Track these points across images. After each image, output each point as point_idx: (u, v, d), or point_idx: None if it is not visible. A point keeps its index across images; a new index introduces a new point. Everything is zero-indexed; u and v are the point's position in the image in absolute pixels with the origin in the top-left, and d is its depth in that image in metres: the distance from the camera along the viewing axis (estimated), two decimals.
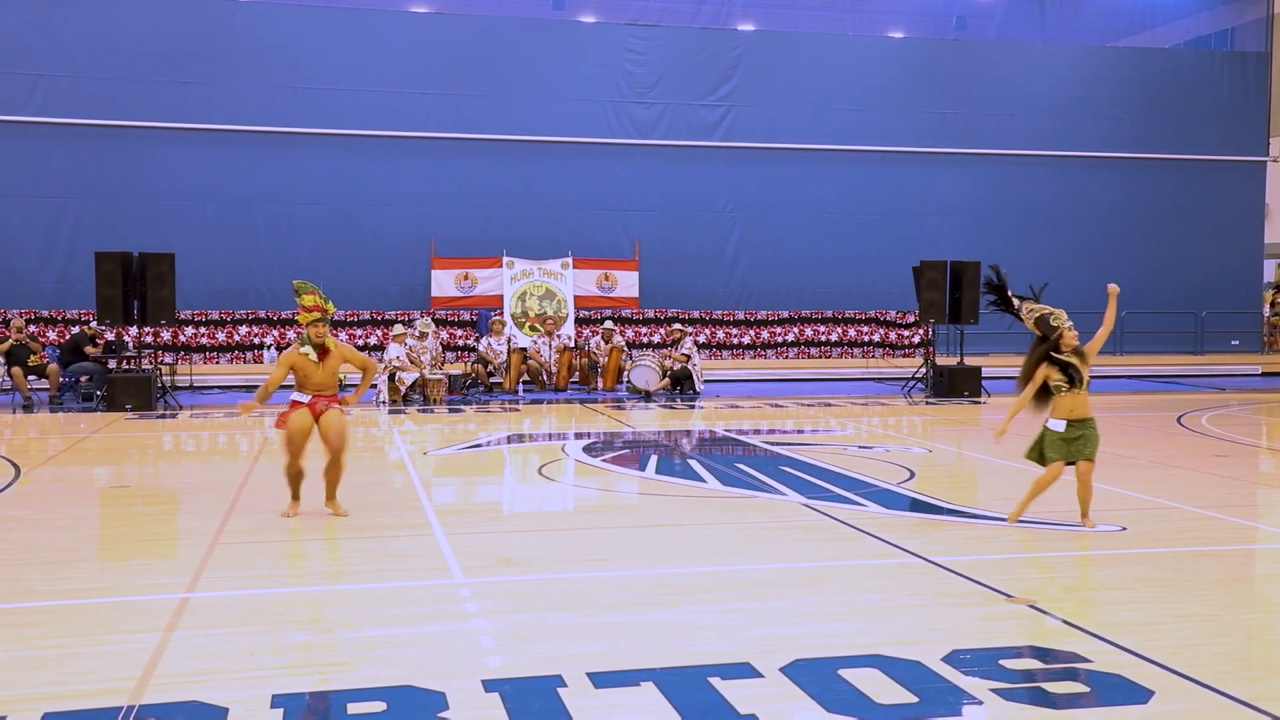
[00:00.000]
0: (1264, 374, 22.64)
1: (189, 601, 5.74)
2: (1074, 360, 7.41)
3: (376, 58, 20.92)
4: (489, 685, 4.47)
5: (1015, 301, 7.79)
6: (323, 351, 7.94)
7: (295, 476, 7.93)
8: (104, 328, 16.83)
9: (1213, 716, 4.18)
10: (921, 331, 21.64)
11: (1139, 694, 4.38)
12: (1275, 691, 4.44)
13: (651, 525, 7.91)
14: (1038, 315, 7.50)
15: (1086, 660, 4.75)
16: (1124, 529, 7.54)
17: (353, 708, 4.26)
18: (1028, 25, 24.08)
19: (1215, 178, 24.16)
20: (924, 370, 18.75)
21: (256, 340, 20.07)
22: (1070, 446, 7.42)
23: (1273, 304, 25.01)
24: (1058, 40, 23.94)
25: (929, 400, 17.62)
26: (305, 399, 7.95)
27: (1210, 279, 23.21)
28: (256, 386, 19.01)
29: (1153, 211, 23.21)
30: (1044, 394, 7.51)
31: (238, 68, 20.43)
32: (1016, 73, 23.37)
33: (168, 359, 19.03)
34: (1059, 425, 7.44)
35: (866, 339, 22.32)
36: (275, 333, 20.11)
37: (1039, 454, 7.55)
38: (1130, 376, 20.89)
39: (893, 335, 22.38)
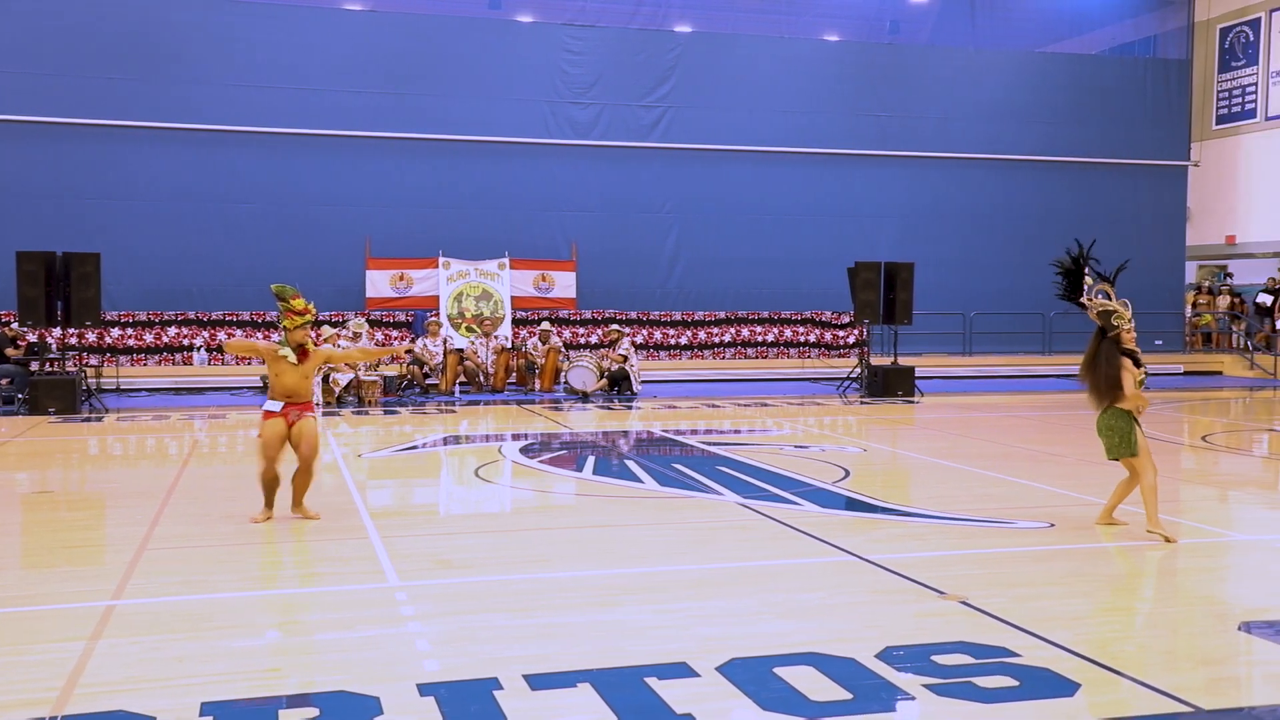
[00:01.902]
0: (1185, 373, 23.21)
1: (115, 609, 5.63)
2: (1139, 354, 7.35)
3: (310, 55, 20.67)
4: (424, 689, 4.43)
5: (1088, 284, 7.58)
6: (301, 353, 7.81)
7: (270, 483, 7.81)
8: (26, 329, 16.44)
9: (1136, 707, 4.28)
10: (856, 332, 21.87)
11: (1066, 687, 4.47)
12: (1196, 682, 4.55)
13: (589, 526, 7.90)
14: (1100, 309, 7.44)
15: (1016, 654, 4.83)
16: (1052, 525, 7.68)
17: (285, 714, 4.20)
18: (959, 30, 24.43)
19: (1140, 181, 24.72)
20: (859, 370, 18.95)
21: (186, 342, 19.72)
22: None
23: (1194, 305, 25.64)
24: (989, 45, 24.33)
25: (864, 400, 17.81)
26: (277, 407, 7.76)
27: (1135, 280, 23.62)
28: (186, 389, 18.85)
29: (1081, 214, 23.65)
30: (1114, 387, 7.34)
31: (167, 64, 20.07)
32: (949, 77, 23.71)
33: (93, 361, 18.64)
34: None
35: (802, 339, 22.51)
36: (205, 334, 19.78)
37: (1129, 450, 7.32)
38: (1057, 376, 21.30)
39: (828, 336, 22.59)
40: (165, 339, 19.70)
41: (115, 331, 19.41)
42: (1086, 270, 7.58)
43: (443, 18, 21.64)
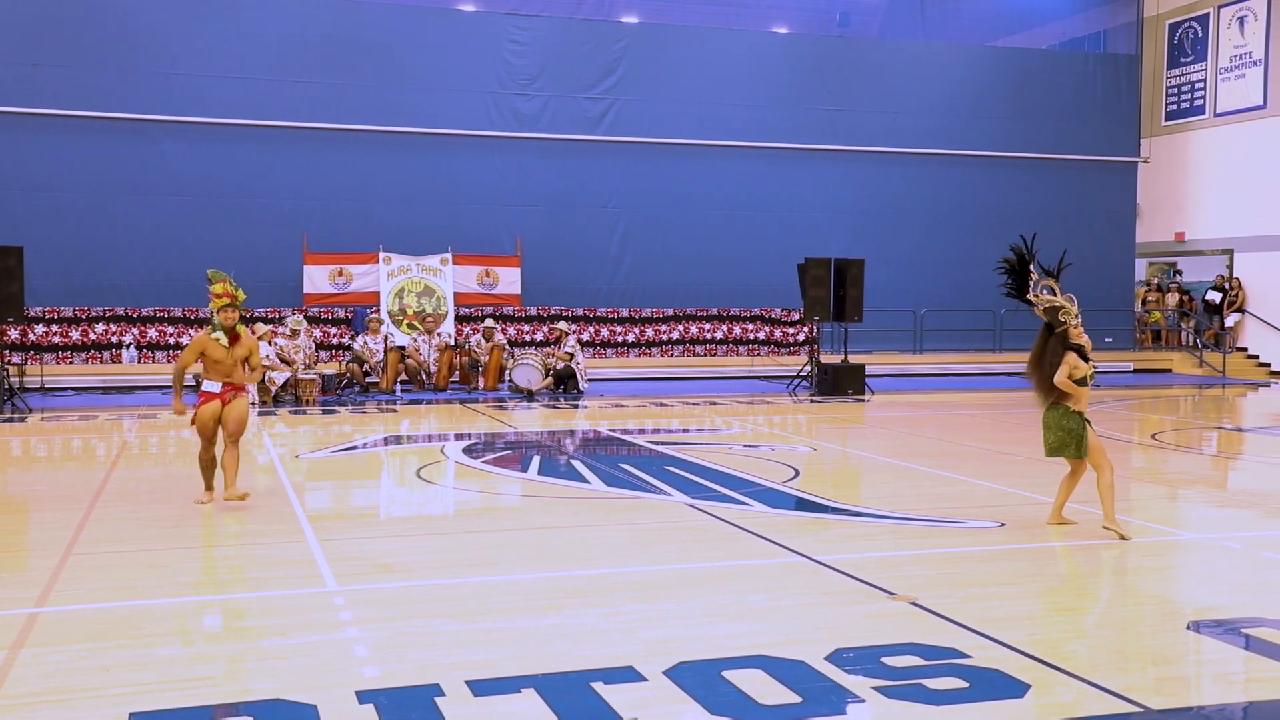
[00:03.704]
0: (1136, 370, 23.62)
1: (39, 617, 5.52)
2: (1087, 350, 7.40)
3: (245, 42, 20.37)
4: (363, 696, 4.40)
5: (1033, 278, 7.61)
6: (233, 337, 8.48)
7: (208, 464, 8.46)
8: None
9: (1086, 708, 4.35)
10: (806, 329, 22.00)
11: (1016, 688, 4.53)
12: (1146, 682, 4.63)
13: (534, 528, 7.89)
14: (1047, 305, 7.51)
15: (966, 656, 4.89)
16: (1002, 524, 7.78)
17: None
18: (909, 23, 24.64)
19: (1091, 177, 25.10)
20: (809, 368, 19.07)
21: (114, 339, 19.37)
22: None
23: (1144, 302, 26.10)
24: (939, 39, 24.57)
25: (814, 398, 17.93)
26: (215, 388, 8.42)
27: (1086, 277, 23.97)
28: (114, 389, 18.52)
29: (1031, 210, 23.94)
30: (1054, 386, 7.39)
31: (94, 49, 19.68)
32: (899, 71, 23.90)
33: (16, 359, 18.28)
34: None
35: (752, 337, 22.60)
36: (135, 331, 19.45)
37: (1078, 451, 7.41)
38: (1009, 373, 21.58)
39: (778, 333, 22.71)
40: (92, 336, 19.34)
41: (39, 328, 19.03)
42: (1031, 266, 7.68)
43: (383, 5, 21.45)
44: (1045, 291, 7.51)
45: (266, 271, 20.06)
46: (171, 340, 19.49)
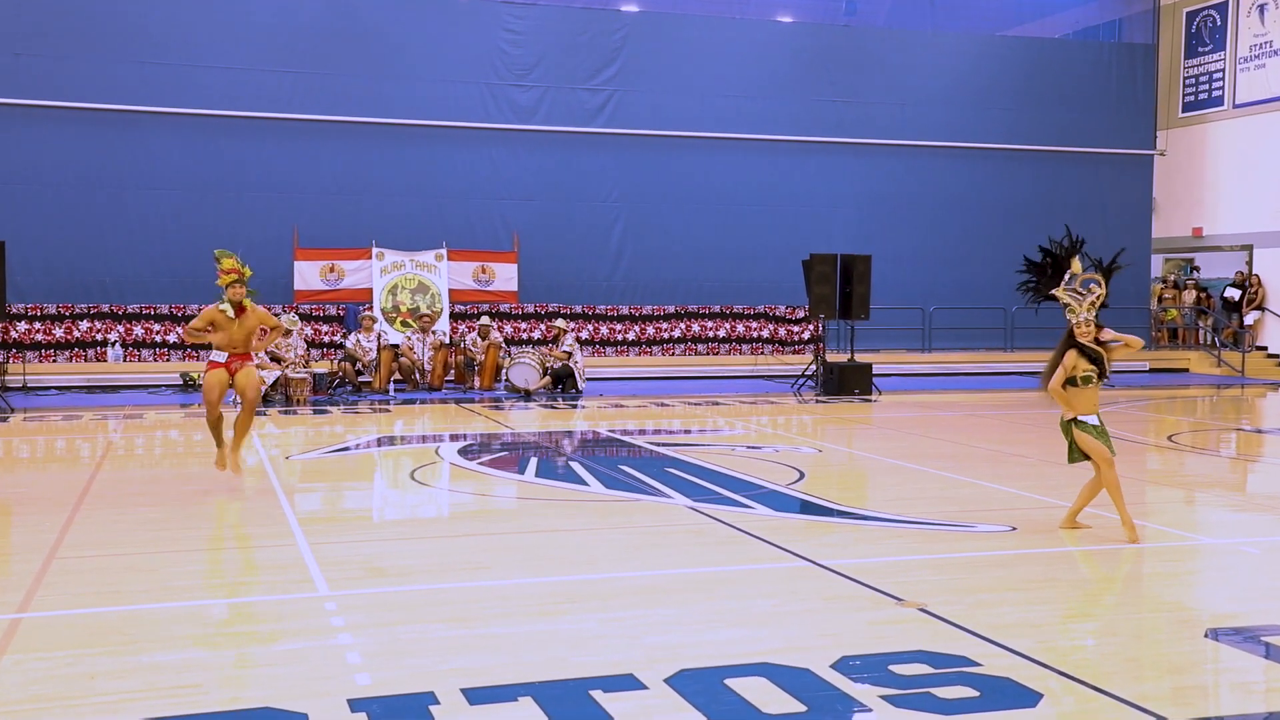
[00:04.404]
0: (1152, 370, 23.60)
1: (21, 623, 5.53)
2: (1099, 351, 7.40)
3: (234, 32, 20.35)
4: (355, 704, 4.40)
5: (1072, 273, 7.55)
6: (239, 309, 9.31)
7: (215, 424, 9.29)
8: None
9: (1100, 717, 4.35)
10: (811, 327, 22.00)
11: (1028, 697, 4.53)
12: (1162, 691, 4.63)
13: (531, 531, 7.89)
14: (1063, 303, 7.51)
15: (976, 664, 4.89)
16: (1014, 529, 7.78)
17: None
18: (917, 12, 24.61)
19: (1105, 170, 25.09)
20: (814, 367, 19.08)
21: (99, 337, 19.37)
22: (1106, 440, 7.44)
23: (1160, 299, 26.08)
24: (947, 28, 24.54)
25: (819, 398, 17.94)
26: (222, 358, 9.27)
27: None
28: (99, 388, 18.55)
29: (1043, 204, 23.97)
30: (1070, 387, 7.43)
31: (78, 38, 19.67)
32: (907, 61, 23.88)
33: None
34: (1092, 419, 7.42)
35: (755, 335, 22.60)
36: (120, 328, 19.45)
37: (1082, 454, 7.46)
38: (1020, 373, 21.58)
39: (782, 331, 22.71)
40: (77, 333, 19.35)
41: (21, 325, 19.04)
42: (1076, 258, 7.65)
43: None
44: (1093, 285, 7.48)
45: (255, 267, 19.66)
46: (158, 338, 19.50)
